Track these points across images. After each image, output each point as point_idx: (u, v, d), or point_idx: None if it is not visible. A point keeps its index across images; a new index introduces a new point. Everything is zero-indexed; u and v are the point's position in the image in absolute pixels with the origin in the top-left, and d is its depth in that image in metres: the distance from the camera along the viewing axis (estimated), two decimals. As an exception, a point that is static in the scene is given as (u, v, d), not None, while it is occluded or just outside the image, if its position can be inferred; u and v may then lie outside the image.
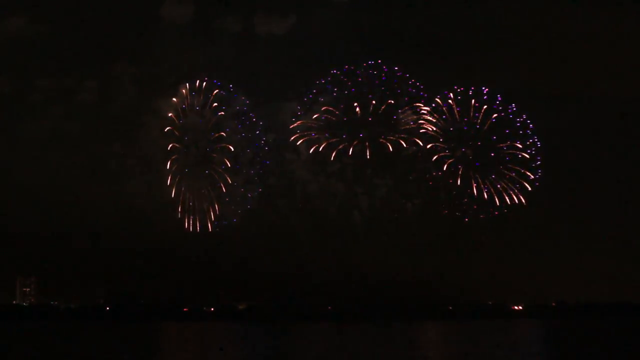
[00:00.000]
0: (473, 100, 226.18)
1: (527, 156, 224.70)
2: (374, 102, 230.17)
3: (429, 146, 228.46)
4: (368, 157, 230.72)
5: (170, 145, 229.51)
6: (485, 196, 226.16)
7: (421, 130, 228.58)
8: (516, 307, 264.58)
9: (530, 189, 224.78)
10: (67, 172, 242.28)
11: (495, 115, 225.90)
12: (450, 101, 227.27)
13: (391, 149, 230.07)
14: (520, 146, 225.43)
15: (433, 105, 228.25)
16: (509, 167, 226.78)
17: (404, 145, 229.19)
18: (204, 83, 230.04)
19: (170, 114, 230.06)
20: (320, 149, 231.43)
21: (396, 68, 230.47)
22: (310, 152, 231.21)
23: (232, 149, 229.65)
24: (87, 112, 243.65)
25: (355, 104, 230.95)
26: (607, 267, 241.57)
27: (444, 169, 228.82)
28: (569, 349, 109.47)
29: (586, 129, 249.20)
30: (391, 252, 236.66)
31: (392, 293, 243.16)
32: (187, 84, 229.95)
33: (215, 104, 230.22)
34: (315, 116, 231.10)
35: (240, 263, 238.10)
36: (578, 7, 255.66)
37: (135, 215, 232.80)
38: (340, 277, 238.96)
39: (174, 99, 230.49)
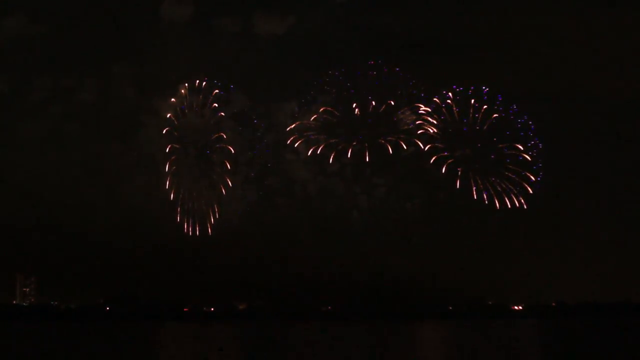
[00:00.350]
0: (473, 100, 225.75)
1: (529, 158, 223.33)
2: (373, 102, 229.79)
3: (427, 147, 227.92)
4: (367, 159, 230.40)
5: (169, 146, 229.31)
6: (485, 197, 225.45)
7: (420, 131, 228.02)
8: (516, 307, 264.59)
9: (531, 191, 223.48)
10: (67, 172, 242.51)
11: (495, 115, 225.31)
12: (449, 101, 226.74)
13: (390, 150, 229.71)
14: (521, 148, 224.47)
15: (432, 105, 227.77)
16: (509, 169, 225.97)
17: (404, 146, 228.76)
18: (204, 83, 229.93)
19: (169, 115, 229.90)
20: (319, 151, 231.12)
21: (398, 69, 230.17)
22: (309, 153, 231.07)
23: (232, 150, 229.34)
24: (87, 112, 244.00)
25: (355, 105, 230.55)
26: (607, 267, 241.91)
27: (444, 169, 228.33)
28: (569, 349, 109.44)
29: (587, 130, 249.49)
30: (391, 252, 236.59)
31: (391, 293, 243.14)
32: (187, 84, 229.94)
33: (215, 104, 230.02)
34: (313, 117, 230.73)
35: (240, 263, 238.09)
36: (578, 7, 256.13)
37: (135, 215, 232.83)
38: (339, 277, 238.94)
39: (173, 99, 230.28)
